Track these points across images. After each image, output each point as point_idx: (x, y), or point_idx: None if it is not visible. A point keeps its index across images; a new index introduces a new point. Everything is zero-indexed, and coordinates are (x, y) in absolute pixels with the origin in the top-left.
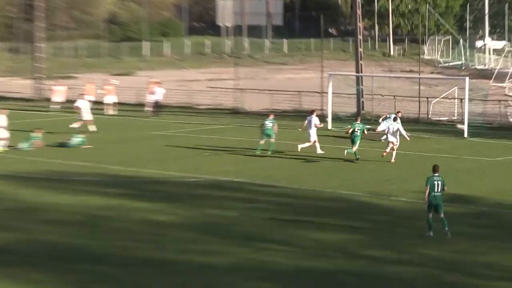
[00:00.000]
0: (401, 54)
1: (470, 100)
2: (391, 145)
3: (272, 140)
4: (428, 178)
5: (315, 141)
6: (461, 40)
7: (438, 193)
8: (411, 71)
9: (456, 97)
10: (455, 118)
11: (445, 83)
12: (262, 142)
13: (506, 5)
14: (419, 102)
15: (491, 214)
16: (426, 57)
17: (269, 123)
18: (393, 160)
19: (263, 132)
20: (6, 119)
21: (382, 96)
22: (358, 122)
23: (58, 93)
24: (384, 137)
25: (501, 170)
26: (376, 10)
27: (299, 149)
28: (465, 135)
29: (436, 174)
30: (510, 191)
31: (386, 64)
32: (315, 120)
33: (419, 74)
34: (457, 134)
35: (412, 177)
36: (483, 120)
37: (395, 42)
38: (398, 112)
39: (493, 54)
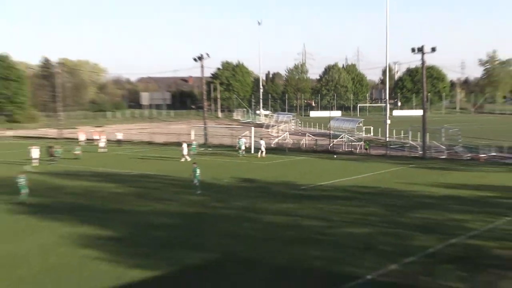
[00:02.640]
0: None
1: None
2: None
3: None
4: None
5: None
6: (249, 110)
7: None
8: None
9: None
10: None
11: (244, 128)
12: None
13: (269, 96)
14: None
15: None
16: (235, 117)
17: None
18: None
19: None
20: (38, 151)
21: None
22: None
23: (82, 134)
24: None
25: None
26: None
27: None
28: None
29: None
30: None
31: None
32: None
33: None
34: None
35: None
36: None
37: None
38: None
39: (264, 116)
